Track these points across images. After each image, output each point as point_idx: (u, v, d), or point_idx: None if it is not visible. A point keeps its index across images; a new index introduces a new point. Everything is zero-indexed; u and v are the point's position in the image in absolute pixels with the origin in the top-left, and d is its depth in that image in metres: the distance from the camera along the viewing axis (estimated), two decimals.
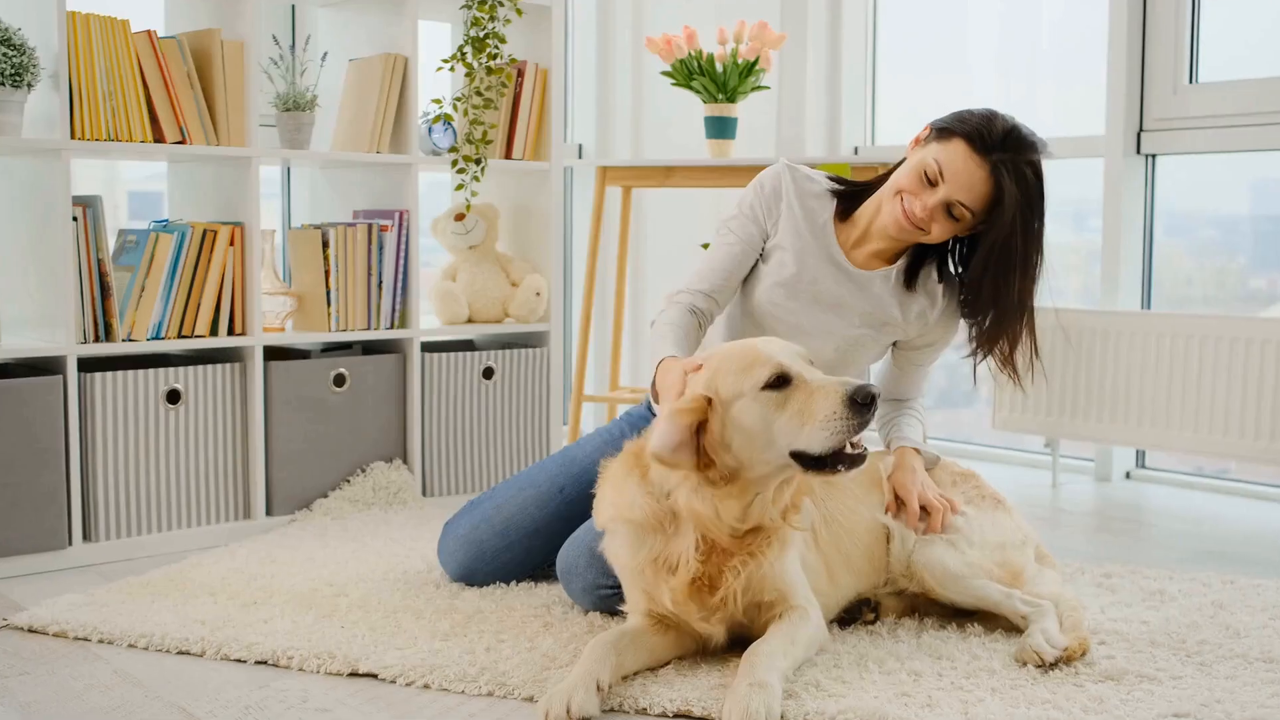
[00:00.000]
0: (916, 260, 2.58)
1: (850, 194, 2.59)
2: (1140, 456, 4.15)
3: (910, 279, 2.57)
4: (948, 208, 2.41)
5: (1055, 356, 3.90)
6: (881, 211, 2.51)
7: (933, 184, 2.41)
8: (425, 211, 3.75)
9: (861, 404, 1.98)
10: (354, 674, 2.19)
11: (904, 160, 2.52)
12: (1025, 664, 2.18)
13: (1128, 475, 4.12)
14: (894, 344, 2.67)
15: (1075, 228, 4.55)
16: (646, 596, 2.17)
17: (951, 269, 2.60)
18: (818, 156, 4.49)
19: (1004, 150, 2.37)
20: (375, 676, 2.18)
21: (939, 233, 2.45)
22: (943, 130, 2.43)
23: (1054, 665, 2.16)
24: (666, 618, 2.18)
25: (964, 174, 2.38)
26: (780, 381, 2.04)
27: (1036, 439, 4.13)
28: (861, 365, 2.66)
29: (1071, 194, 4.46)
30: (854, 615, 2.42)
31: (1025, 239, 2.39)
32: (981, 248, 2.43)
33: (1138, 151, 3.98)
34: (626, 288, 4.51)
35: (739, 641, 2.17)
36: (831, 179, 2.63)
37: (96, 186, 3.90)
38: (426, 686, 2.13)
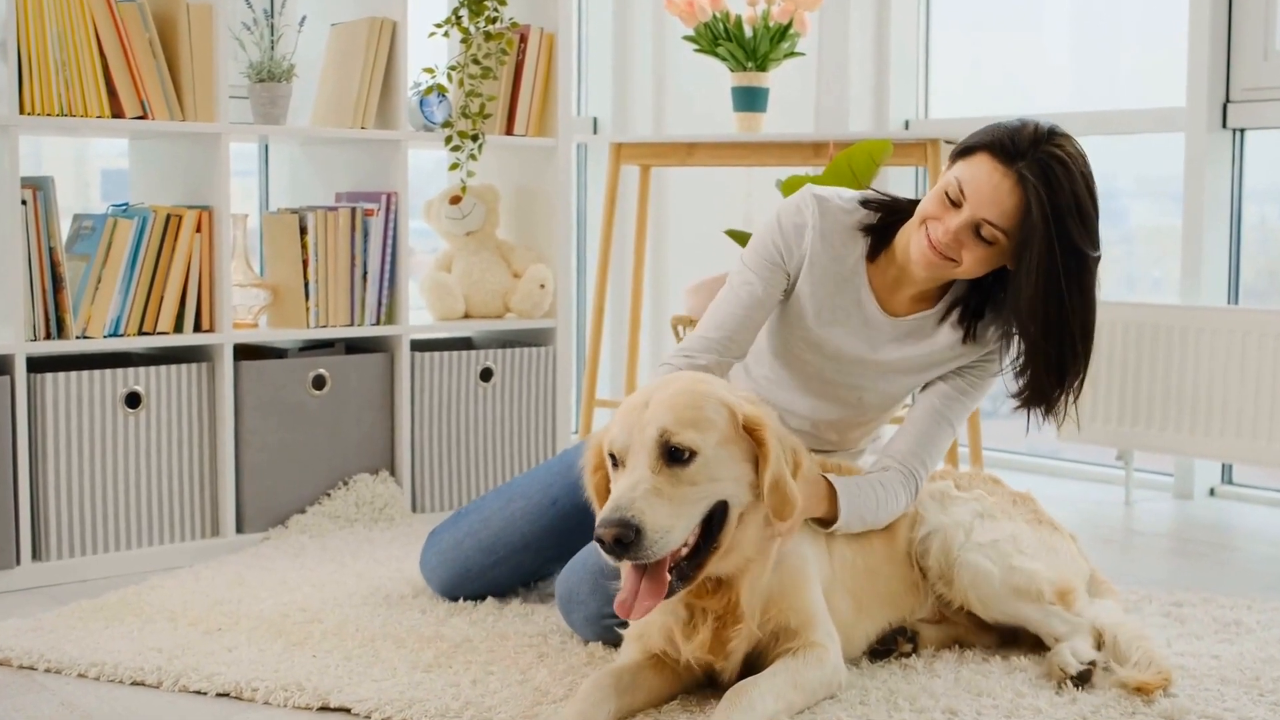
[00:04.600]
0: (968, 304, 2.52)
1: (881, 226, 2.53)
2: (1226, 471, 4.15)
3: (967, 328, 2.51)
4: (975, 229, 2.36)
5: (1129, 358, 3.91)
6: (911, 245, 2.47)
7: (956, 205, 2.37)
8: (416, 194, 3.80)
9: (598, 539, 2.00)
10: (324, 708, 2.24)
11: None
12: (1055, 682, 2.27)
13: (1211, 492, 4.12)
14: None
15: (1153, 213, 4.54)
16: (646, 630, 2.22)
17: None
18: (861, 132, 4.51)
19: (1033, 159, 2.31)
20: (348, 711, 2.22)
21: (971, 262, 2.39)
22: (965, 148, 2.40)
23: (1080, 682, 2.25)
24: (668, 653, 2.22)
25: (986, 187, 2.33)
26: (614, 460, 2.11)
27: (1108, 451, 4.14)
28: (887, 412, 2.64)
29: (1149, 174, 4.46)
30: (889, 646, 2.45)
31: (1066, 250, 2.31)
32: (1022, 271, 2.34)
33: (1223, 125, 3.98)
34: (645, 279, 4.54)
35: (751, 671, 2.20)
36: (863, 204, 2.56)
37: (64, 164, 3.96)
38: None
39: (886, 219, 2.53)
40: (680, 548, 2.06)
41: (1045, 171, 2.31)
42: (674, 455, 2.05)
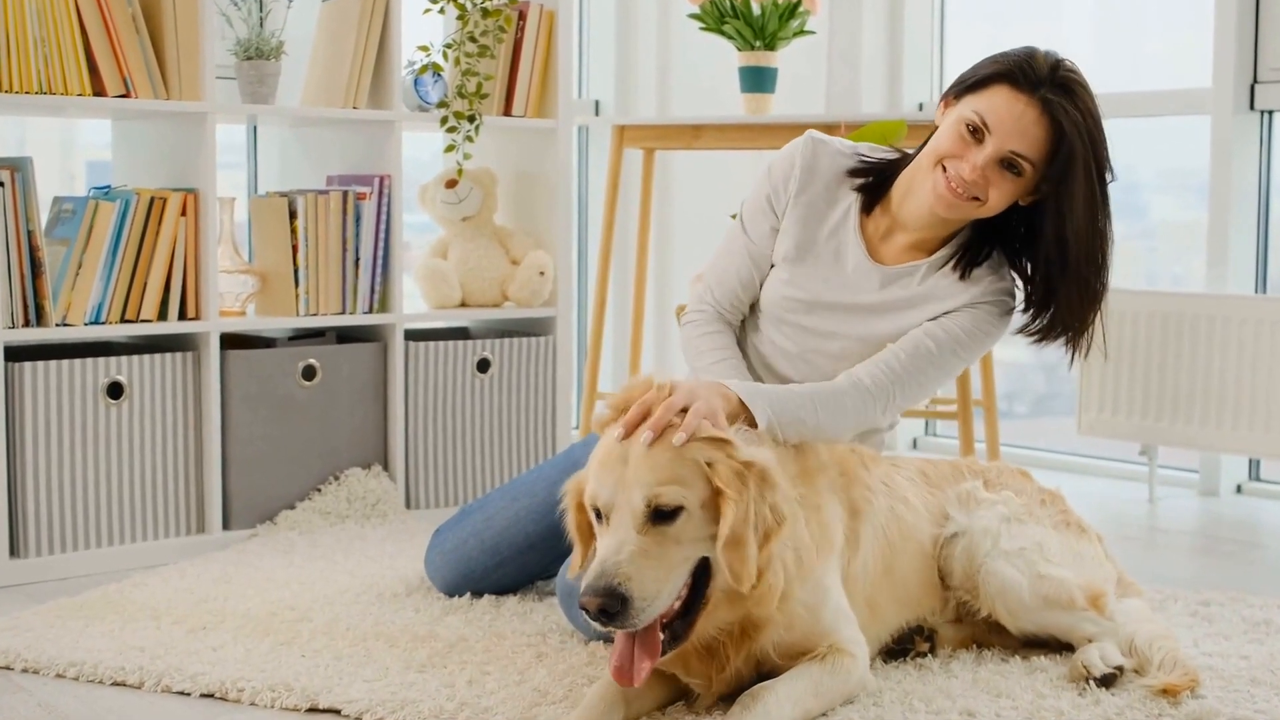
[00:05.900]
0: (967, 252, 2.50)
1: (873, 185, 2.52)
2: (1254, 467, 4.13)
3: (966, 268, 2.49)
4: (1003, 162, 2.36)
5: (1152, 349, 3.89)
6: (916, 191, 2.44)
7: (978, 139, 2.36)
8: (411, 177, 3.79)
9: (582, 607, 1.96)
10: (313, 709, 2.22)
11: (931, 135, 2.46)
12: (1077, 682, 2.27)
13: (1239, 489, 4.10)
14: None
15: (1175, 207, 4.53)
16: None
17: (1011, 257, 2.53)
18: (874, 114, 4.48)
19: (1054, 85, 2.35)
20: (338, 713, 2.21)
21: (998, 198, 2.39)
22: (974, 82, 2.39)
23: (1102, 685, 2.24)
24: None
25: (1011, 117, 2.34)
26: (598, 515, 2.06)
27: (1130, 446, 4.12)
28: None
29: (1170, 167, 4.44)
30: (906, 646, 2.44)
31: (1099, 173, 2.36)
32: (1065, 199, 2.35)
33: (1251, 107, 3.96)
34: (649, 266, 4.53)
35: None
36: (860, 162, 2.55)
37: (48, 155, 3.95)
38: None
39: (879, 179, 2.53)
40: (673, 604, 2.02)
41: (1070, 95, 2.35)
42: (659, 514, 2.01)
